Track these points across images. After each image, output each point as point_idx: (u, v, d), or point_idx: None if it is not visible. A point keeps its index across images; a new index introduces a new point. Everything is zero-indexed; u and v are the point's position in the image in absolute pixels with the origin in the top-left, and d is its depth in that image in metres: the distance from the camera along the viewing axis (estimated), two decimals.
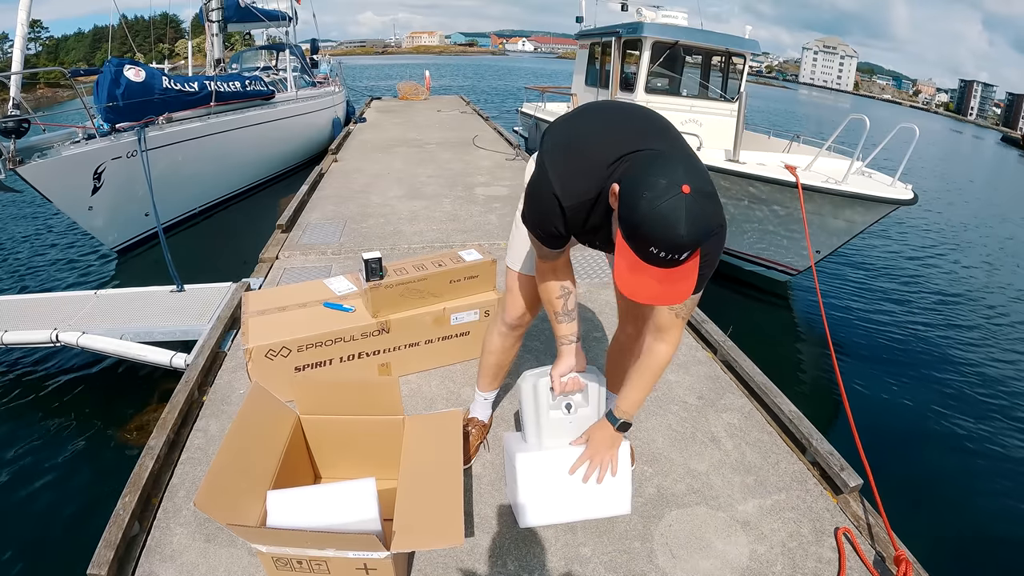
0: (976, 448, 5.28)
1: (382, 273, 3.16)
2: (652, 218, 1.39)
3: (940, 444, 5.29)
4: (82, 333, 4.32)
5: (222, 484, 1.91)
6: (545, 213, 1.79)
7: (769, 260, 7.99)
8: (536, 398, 2.19)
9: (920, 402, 5.91)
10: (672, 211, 1.38)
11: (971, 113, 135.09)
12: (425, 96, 21.83)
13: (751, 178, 7.08)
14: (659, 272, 1.47)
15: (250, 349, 2.91)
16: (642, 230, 1.42)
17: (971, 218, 16.00)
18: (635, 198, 1.43)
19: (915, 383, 6.31)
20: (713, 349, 3.88)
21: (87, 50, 73.04)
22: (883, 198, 6.52)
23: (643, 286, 1.49)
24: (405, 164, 9.56)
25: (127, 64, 8.19)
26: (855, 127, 6.46)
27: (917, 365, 6.74)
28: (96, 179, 7.38)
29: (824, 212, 6.86)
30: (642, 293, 1.50)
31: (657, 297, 1.52)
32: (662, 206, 1.38)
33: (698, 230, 1.40)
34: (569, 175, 1.74)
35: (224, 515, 1.83)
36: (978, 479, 4.87)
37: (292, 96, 12.81)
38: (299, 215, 6.63)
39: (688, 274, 1.51)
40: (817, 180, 6.65)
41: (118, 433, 4.33)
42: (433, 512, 1.91)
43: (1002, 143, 58.46)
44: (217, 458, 1.96)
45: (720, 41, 10.03)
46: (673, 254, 1.42)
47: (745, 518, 2.53)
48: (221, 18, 12.99)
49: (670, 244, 1.40)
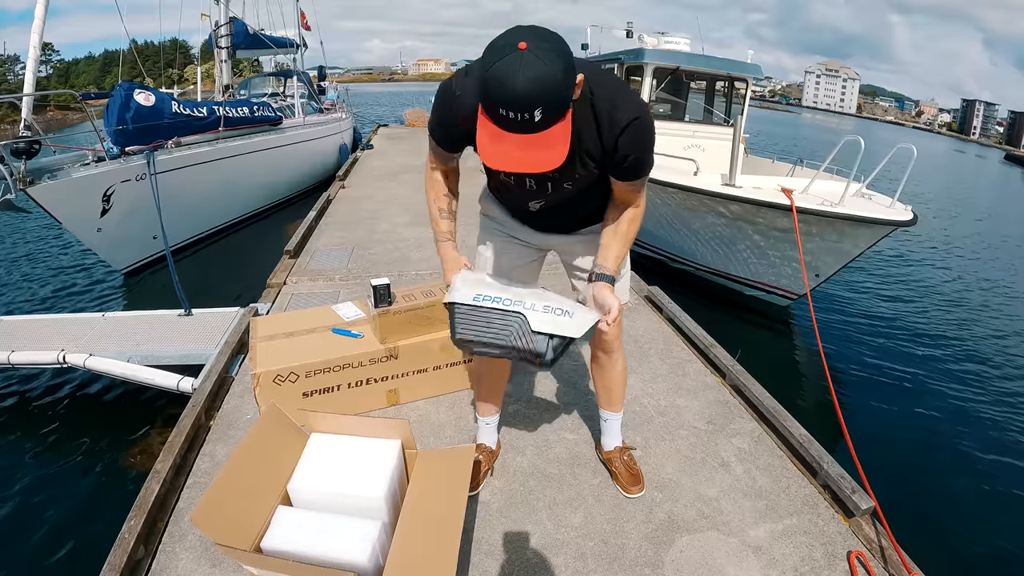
0: (984, 469, 5.23)
1: (391, 299, 3.16)
2: (491, 77, 1.46)
3: (948, 465, 5.23)
4: (89, 355, 4.32)
5: (222, 502, 1.91)
6: (443, 108, 1.92)
7: (768, 284, 7.91)
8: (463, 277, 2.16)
9: (926, 425, 5.86)
10: (507, 66, 1.44)
11: (974, 132, 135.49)
12: None
13: (746, 202, 7.05)
14: (519, 139, 1.53)
15: (258, 374, 2.90)
16: (486, 90, 1.49)
17: (977, 237, 15.97)
18: (480, 65, 1.53)
19: (920, 405, 6.25)
20: (722, 374, 3.86)
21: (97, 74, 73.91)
22: (880, 219, 6.46)
23: (505, 155, 1.55)
24: (412, 191, 9.59)
25: (137, 88, 8.28)
26: (854, 149, 6.44)
27: (923, 387, 6.68)
28: (105, 201, 7.42)
29: (821, 235, 6.81)
30: (506, 161, 1.56)
31: (521, 164, 1.57)
32: (498, 64, 1.46)
33: (535, 85, 1.45)
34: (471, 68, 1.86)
35: (218, 533, 1.83)
36: (987, 499, 4.82)
37: (299, 122, 12.90)
38: (307, 241, 6.66)
39: (552, 142, 1.56)
40: (813, 203, 6.59)
41: (124, 456, 4.30)
42: (427, 559, 1.88)
43: (1006, 161, 58.73)
44: (220, 475, 1.97)
45: (721, 66, 10.05)
46: (520, 112, 1.47)
47: (757, 543, 2.50)
48: (230, 44, 13.15)
49: (510, 98, 1.45)
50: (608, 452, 2.85)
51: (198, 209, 9.39)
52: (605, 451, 2.86)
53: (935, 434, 5.71)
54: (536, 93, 1.45)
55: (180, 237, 9.05)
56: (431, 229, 2.24)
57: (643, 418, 3.34)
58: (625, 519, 2.59)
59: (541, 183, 2.01)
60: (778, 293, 7.87)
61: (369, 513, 2.02)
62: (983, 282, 11.43)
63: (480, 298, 2.03)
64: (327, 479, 2.11)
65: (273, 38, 14.81)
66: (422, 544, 1.92)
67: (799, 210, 6.48)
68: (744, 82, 10.15)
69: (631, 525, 2.56)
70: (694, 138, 9.63)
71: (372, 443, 2.23)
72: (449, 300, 2.06)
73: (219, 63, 13.15)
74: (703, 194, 7.33)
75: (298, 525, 1.97)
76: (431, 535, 1.94)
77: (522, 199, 2.14)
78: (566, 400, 3.48)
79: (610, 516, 2.60)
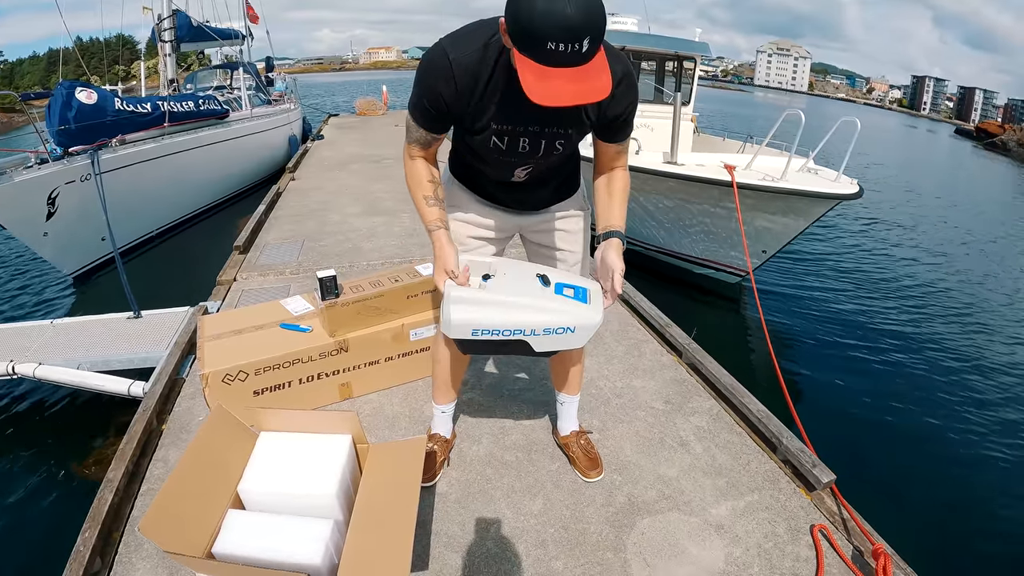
0: (938, 436, 5.37)
1: (338, 291, 3.10)
2: (538, 12, 1.40)
3: (904, 435, 5.34)
4: (38, 364, 4.21)
5: (171, 508, 1.86)
6: (433, 77, 1.80)
7: (716, 262, 8.00)
8: (456, 308, 1.95)
9: (878, 395, 5.99)
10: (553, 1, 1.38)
11: (924, 108, 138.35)
12: (383, 112, 21.82)
13: (687, 179, 7.10)
14: (568, 72, 1.47)
15: (206, 375, 2.83)
16: (533, 26, 1.42)
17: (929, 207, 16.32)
18: (518, 4, 1.44)
19: (869, 376, 6.40)
20: (678, 353, 3.87)
21: (42, 74, 72.37)
22: (823, 193, 6.52)
23: (557, 90, 1.48)
24: (363, 180, 9.54)
25: (78, 86, 8.10)
26: (802, 125, 6.46)
27: (872, 358, 6.83)
28: (50, 204, 7.25)
29: (764, 210, 6.86)
30: (559, 96, 1.49)
31: (574, 96, 1.50)
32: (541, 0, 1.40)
33: (586, 14, 1.40)
34: (458, 34, 1.82)
35: (168, 541, 1.78)
36: (944, 466, 4.93)
37: (247, 115, 12.76)
38: (256, 235, 6.56)
39: (597, 71, 1.51)
40: (755, 178, 6.64)
41: (78, 466, 4.21)
42: (381, 554, 1.84)
43: (956, 135, 59.89)
44: (168, 482, 1.91)
45: (669, 45, 10.05)
46: (571, 43, 1.42)
47: (719, 521, 2.51)
48: (174, 38, 12.86)
49: (563, 29, 1.40)
50: (565, 437, 2.84)
51: (146, 208, 9.22)
52: (562, 436, 2.85)
53: (885, 404, 5.84)
54: (586, 22, 1.41)
55: (129, 237, 8.89)
56: (422, 218, 2.09)
57: (600, 400, 3.34)
58: (585, 504, 2.58)
59: (535, 142, 1.96)
60: (726, 271, 7.95)
61: (321, 512, 1.98)
62: (934, 255, 11.70)
63: (478, 332, 1.95)
64: (277, 479, 2.06)
65: (218, 30, 14.56)
66: (376, 539, 1.88)
67: (740, 186, 6.51)
68: (693, 61, 10.18)
69: (591, 509, 2.55)
70: (643, 118, 9.64)
71: (322, 440, 2.18)
72: (446, 333, 1.98)
73: (163, 57, 12.86)
74: (645, 173, 7.34)
75: (249, 528, 1.92)
76: (385, 530, 1.90)
77: (507, 170, 2.08)
78: (521, 386, 3.46)
79: (569, 501, 2.59)
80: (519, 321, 1.93)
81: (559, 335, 1.95)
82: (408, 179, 2.11)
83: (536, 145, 1.96)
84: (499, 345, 1.98)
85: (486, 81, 1.79)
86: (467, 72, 1.75)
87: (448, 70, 1.76)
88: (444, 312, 1.93)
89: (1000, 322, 8.38)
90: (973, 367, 6.76)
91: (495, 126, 1.89)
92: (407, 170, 2.10)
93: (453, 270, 1.95)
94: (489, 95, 1.82)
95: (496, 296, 1.95)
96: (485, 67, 1.76)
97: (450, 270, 1.95)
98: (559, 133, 1.95)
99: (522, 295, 1.97)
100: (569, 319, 1.94)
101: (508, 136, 1.93)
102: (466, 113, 1.87)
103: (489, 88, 1.80)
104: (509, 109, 1.84)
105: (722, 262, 7.91)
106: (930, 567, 2.46)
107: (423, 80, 1.83)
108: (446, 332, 1.96)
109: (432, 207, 2.05)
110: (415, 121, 1.96)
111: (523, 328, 1.93)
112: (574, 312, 1.95)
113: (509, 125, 1.89)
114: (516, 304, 1.94)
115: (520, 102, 1.61)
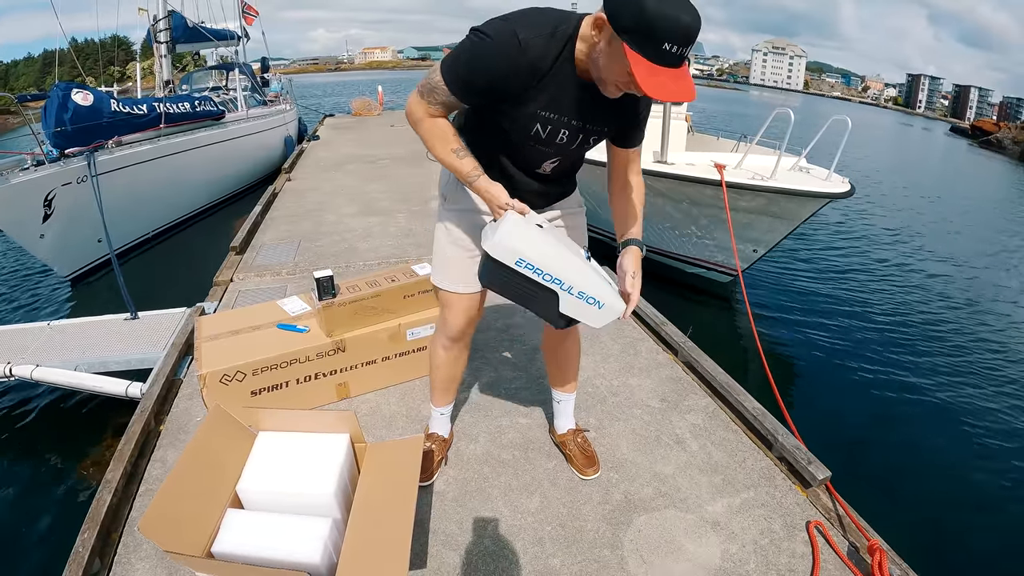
0: (933, 432, 5.39)
1: (335, 291, 3.12)
2: (660, 16, 1.49)
3: (899, 431, 5.37)
4: (36, 366, 4.21)
5: (170, 508, 1.87)
6: (496, 54, 1.76)
7: (707, 261, 7.99)
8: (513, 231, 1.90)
9: (873, 392, 6.02)
10: (674, 7, 1.50)
11: (919, 106, 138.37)
12: (378, 112, 21.76)
13: (677, 178, 7.09)
14: (672, 72, 1.58)
15: (204, 375, 2.84)
16: (655, 28, 1.51)
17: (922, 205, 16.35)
18: (642, 5, 1.51)
19: (867, 373, 6.40)
20: (674, 351, 3.89)
21: (37, 75, 72.01)
22: (813, 192, 6.50)
23: (664, 86, 1.58)
24: (359, 181, 9.54)
25: (75, 88, 8.10)
26: (796, 124, 6.45)
27: (865, 357, 6.83)
28: (47, 206, 7.25)
29: (755, 209, 6.85)
30: (667, 92, 1.60)
31: (676, 94, 1.61)
32: (664, 4, 1.49)
33: (696, 21, 1.53)
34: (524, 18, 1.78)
35: (168, 541, 1.79)
36: (938, 462, 4.95)
37: (242, 115, 12.77)
38: (253, 236, 6.57)
39: (687, 73, 1.63)
40: (744, 177, 6.63)
41: (76, 467, 4.21)
42: (379, 553, 1.85)
43: (951, 133, 59.93)
44: (166, 482, 1.92)
45: None
46: (683, 46, 1.54)
47: (715, 518, 2.52)
48: (169, 39, 12.88)
49: (680, 35, 1.51)
50: (561, 435, 2.85)
51: (142, 209, 9.22)
52: (558, 434, 2.87)
53: (879, 401, 5.87)
54: (696, 31, 1.53)
55: (125, 239, 8.89)
56: (457, 173, 2.01)
57: (596, 399, 3.35)
58: (582, 501, 2.60)
59: (574, 135, 1.99)
60: (717, 270, 7.94)
61: (320, 510, 1.99)
62: (927, 252, 11.72)
63: (522, 264, 1.89)
64: (276, 479, 2.07)
65: (213, 31, 14.58)
66: (374, 538, 1.89)
67: (729, 185, 6.51)
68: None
69: (588, 507, 2.56)
70: None
71: (320, 439, 2.20)
72: (490, 252, 1.91)
73: (159, 58, 12.86)
74: None
75: (248, 527, 1.93)
76: (383, 528, 1.91)
77: (537, 158, 2.08)
78: (517, 385, 3.47)
79: (566, 499, 2.61)
80: (563, 270, 1.91)
81: (588, 305, 1.95)
82: (430, 137, 2.00)
83: (573, 138, 1.99)
84: (528, 290, 1.95)
85: (547, 68, 1.80)
86: (535, 55, 1.76)
87: (516, 48, 1.74)
88: (495, 235, 1.88)
89: (993, 318, 8.42)
90: (966, 363, 6.79)
91: (543, 113, 1.90)
92: (427, 128, 1.99)
93: (508, 202, 1.93)
94: (546, 82, 1.83)
95: (551, 238, 1.98)
96: (549, 54, 1.78)
97: (506, 203, 1.93)
98: (597, 131, 2.01)
99: (572, 253, 2.02)
100: (602, 294, 1.96)
101: (551, 125, 1.94)
102: (516, 94, 1.85)
103: (548, 76, 1.81)
104: (562, 99, 1.87)
105: (713, 261, 7.91)
106: (925, 562, 2.47)
107: (482, 53, 1.77)
108: (490, 251, 1.90)
109: (464, 158, 1.98)
110: (449, 88, 1.86)
111: (563, 280, 1.92)
112: (607, 291, 1.98)
113: (555, 115, 1.91)
114: (566, 255, 1.95)
115: (573, 95, 1.79)
